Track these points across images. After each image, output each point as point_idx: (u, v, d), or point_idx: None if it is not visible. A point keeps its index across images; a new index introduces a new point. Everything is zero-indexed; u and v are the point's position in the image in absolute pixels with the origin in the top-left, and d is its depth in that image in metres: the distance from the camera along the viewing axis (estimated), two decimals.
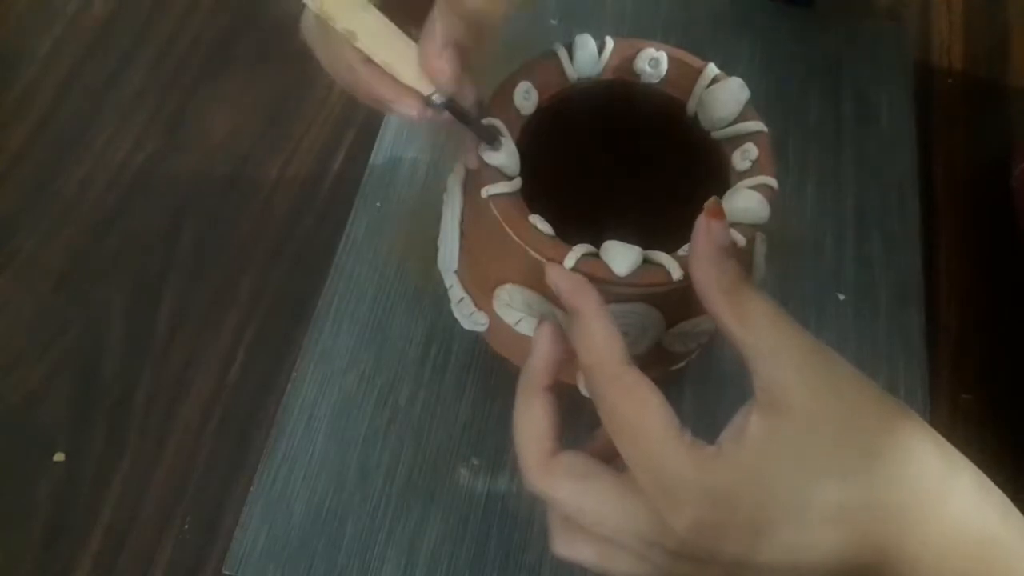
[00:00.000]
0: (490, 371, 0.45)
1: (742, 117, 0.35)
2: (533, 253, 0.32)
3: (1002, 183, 0.53)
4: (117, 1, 0.58)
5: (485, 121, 0.33)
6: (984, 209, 0.52)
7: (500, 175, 0.33)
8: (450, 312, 0.46)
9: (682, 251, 0.32)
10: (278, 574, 0.40)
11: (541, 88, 0.35)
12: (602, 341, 0.29)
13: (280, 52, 0.57)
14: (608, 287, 0.31)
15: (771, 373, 0.27)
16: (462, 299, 0.38)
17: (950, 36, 0.58)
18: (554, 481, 0.29)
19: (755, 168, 0.34)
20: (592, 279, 0.30)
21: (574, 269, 0.31)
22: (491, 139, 0.33)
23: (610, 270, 0.31)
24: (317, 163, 0.52)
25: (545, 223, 0.33)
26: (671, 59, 0.36)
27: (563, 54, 0.36)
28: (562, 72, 0.36)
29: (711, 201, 0.29)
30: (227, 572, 0.40)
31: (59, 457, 0.43)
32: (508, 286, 0.35)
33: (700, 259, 0.29)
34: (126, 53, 0.56)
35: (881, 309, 0.47)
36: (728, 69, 0.36)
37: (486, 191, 0.33)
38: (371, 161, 0.51)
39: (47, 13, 0.57)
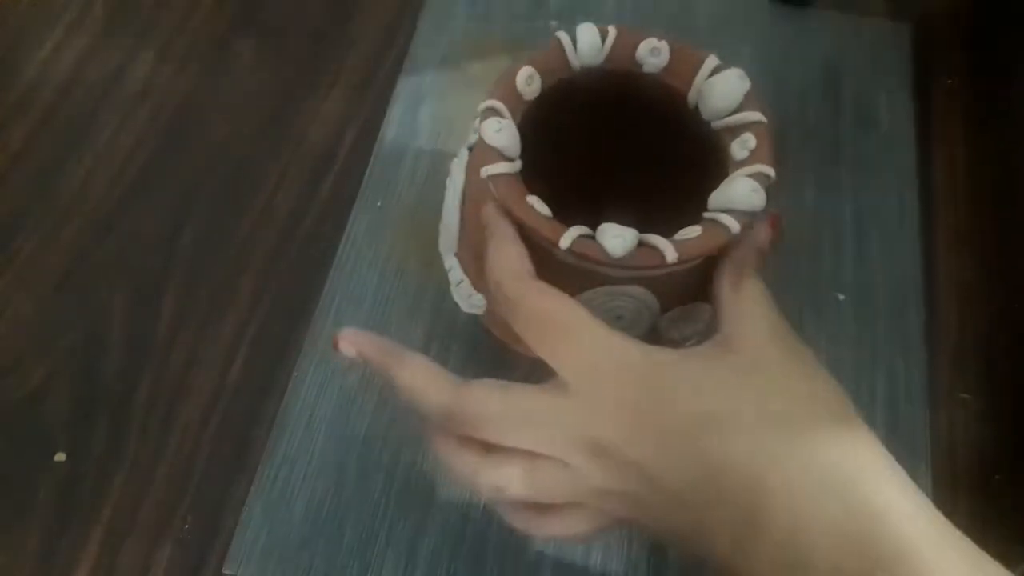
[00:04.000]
0: (490, 371, 0.45)
1: (742, 107, 0.35)
2: (529, 233, 0.32)
3: (1002, 182, 0.53)
4: (118, 1, 0.58)
5: (486, 104, 0.35)
6: (984, 209, 0.52)
7: (501, 156, 0.33)
8: (450, 312, 0.46)
9: (679, 235, 0.32)
10: (278, 574, 0.40)
11: (544, 74, 0.36)
12: (516, 256, 0.31)
13: (280, 52, 0.57)
14: (604, 268, 0.31)
15: (736, 328, 0.30)
16: (461, 281, 0.39)
17: (950, 35, 0.58)
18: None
19: (752, 157, 0.34)
20: (587, 260, 0.31)
21: (569, 250, 0.31)
22: None
23: (605, 251, 0.31)
24: (317, 163, 0.52)
25: (543, 204, 0.33)
26: (672, 50, 0.36)
27: (567, 41, 0.36)
28: (565, 60, 0.36)
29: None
30: (227, 572, 0.40)
31: (60, 457, 0.43)
32: None
33: (740, 247, 0.33)
34: (126, 53, 0.56)
35: (880, 309, 0.47)
36: None
37: (485, 171, 0.33)
38: (372, 161, 0.51)
39: (48, 14, 0.58)
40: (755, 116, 0.35)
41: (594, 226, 0.32)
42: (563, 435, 0.29)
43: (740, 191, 0.33)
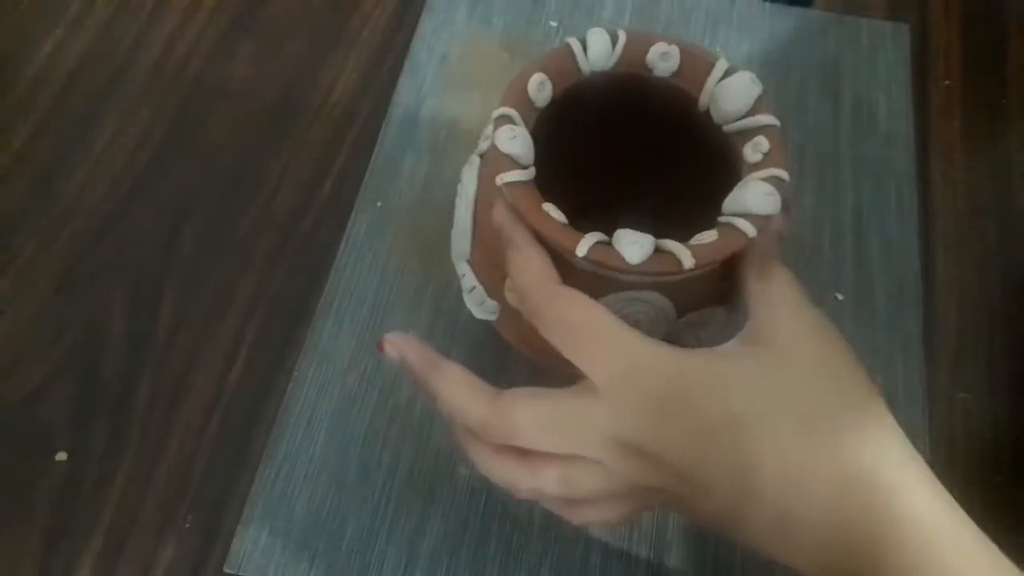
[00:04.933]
0: (490, 372, 0.45)
1: (753, 111, 0.35)
2: (545, 241, 0.32)
3: (1000, 182, 0.53)
4: (118, 1, 0.58)
5: (499, 112, 0.34)
6: (983, 209, 0.52)
7: (514, 164, 0.33)
8: (450, 312, 0.46)
9: (695, 240, 0.32)
10: (279, 573, 0.40)
11: (555, 80, 0.36)
12: (540, 264, 0.31)
13: (281, 52, 0.57)
14: (621, 275, 0.31)
15: (766, 316, 0.30)
16: (474, 288, 0.39)
17: (949, 36, 0.58)
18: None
19: (766, 161, 0.34)
20: (604, 267, 0.31)
21: (586, 257, 0.31)
22: None
23: (622, 258, 0.31)
24: (318, 163, 0.52)
25: (558, 211, 0.33)
26: (683, 53, 0.36)
27: (577, 47, 0.36)
28: (576, 65, 0.36)
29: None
30: (228, 571, 0.40)
31: (61, 457, 0.43)
32: None
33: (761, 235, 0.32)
34: (127, 53, 0.56)
35: (880, 309, 0.47)
36: None
37: (500, 179, 0.33)
38: (372, 161, 0.51)
39: (49, 13, 0.58)
40: (767, 119, 0.35)
41: (607, 231, 0.32)
42: (596, 437, 0.29)
43: (755, 195, 0.33)
